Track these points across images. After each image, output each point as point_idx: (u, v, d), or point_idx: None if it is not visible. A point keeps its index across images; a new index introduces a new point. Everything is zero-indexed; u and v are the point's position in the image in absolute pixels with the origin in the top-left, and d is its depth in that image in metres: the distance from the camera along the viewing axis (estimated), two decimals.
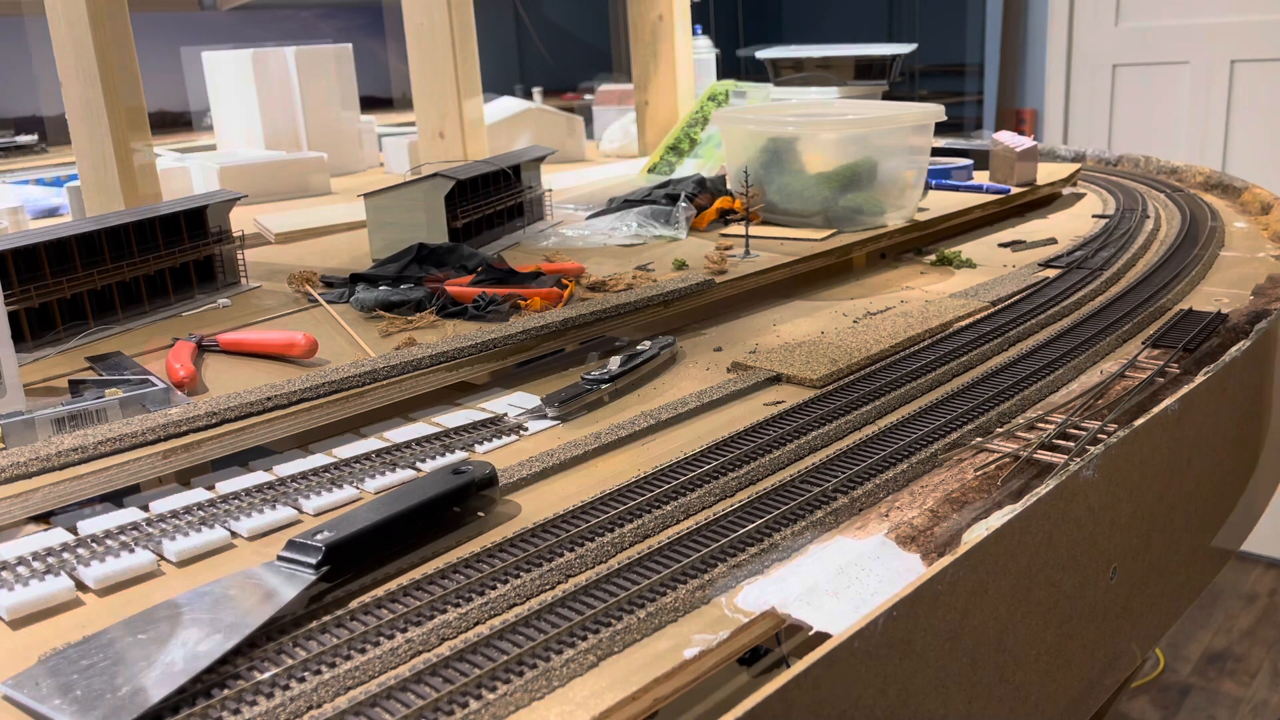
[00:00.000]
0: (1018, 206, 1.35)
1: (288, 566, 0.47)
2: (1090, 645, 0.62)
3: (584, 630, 0.43)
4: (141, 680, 0.39)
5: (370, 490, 0.58)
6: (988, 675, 0.52)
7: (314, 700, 0.39)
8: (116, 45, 1.18)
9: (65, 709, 0.38)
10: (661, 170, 1.63)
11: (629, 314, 0.86)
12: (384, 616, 0.44)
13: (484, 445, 0.65)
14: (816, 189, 1.16)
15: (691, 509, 0.55)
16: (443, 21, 1.51)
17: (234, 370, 0.77)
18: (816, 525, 0.52)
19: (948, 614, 0.48)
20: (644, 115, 1.96)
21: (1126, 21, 3.27)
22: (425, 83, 1.57)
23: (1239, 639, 2.38)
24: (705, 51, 2.16)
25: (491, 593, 0.46)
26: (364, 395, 0.69)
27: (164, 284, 0.95)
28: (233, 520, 0.54)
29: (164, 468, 0.60)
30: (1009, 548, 0.52)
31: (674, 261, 1.02)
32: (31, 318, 0.82)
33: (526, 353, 0.79)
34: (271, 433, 0.65)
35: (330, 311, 0.91)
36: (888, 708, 0.45)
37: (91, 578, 0.49)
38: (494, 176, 1.17)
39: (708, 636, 0.43)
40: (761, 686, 0.38)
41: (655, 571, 0.47)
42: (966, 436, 0.62)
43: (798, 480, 0.57)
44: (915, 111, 1.18)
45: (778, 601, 0.45)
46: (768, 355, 0.77)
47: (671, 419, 0.67)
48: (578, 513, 0.54)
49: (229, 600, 0.45)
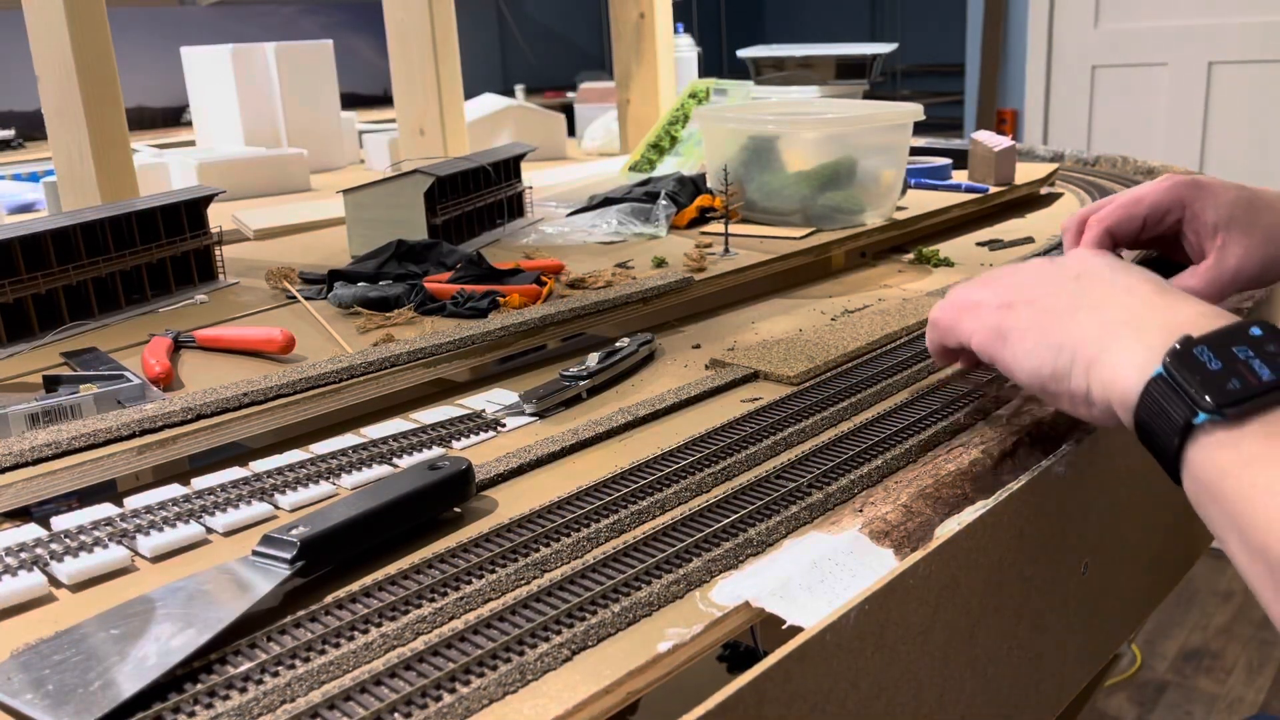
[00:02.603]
0: (996, 206, 1.36)
1: (263, 562, 0.47)
2: (1063, 640, 0.63)
3: (558, 624, 0.43)
4: (114, 675, 0.39)
5: (346, 486, 0.58)
6: (960, 669, 0.53)
7: (288, 695, 0.39)
8: (94, 40, 1.17)
9: (37, 704, 0.38)
10: (642, 168, 1.64)
11: (608, 311, 0.86)
12: (359, 611, 0.44)
13: (461, 441, 0.65)
14: (796, 187, 1.16)
15: (667, 505, 0.55)
16: (423, 18, 1.51)
17: (210, 366, 0.76)
18: (791, 520, 0.52)
19: (920, 608, 0.48)
20: (625, 113, 1.96)
21: (1106, 23, 3.29)
22: (405, 79, 1.57)
23: (1215, 636, 2.40)
24: (687, 50, 2.16)
25: (466, 588, 0.46)
26: (341, 391, 0.69)
27: (140, 280, 0.95)
28: (208, 516, 0.54)
29: (139, 463, 0.60)
30: (980, 543, 0.52)
31: (653, 259, 1.03)
32: (6, 314, 0.82)
33: (506, 349, 0.79)
34: (248, 429, 0.65)
35: (308, 308, 0.91)
36: (860, 700, 0.45)
37: (65, 573, 0.48)
38: (474, 173, 1.17)
39: (682, 630, 0.43)
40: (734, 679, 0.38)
41: (630, 566, 0.47)
42: (941, 433, 0.62)
43: (773, 476, 0.57)
44: (894, 111, 1.19)
45: (752, 596, 0.45)
46: (746, 352, 0.78)
47: (649, 415, 0.67)
48: (554, 508, 0.54)
49: (203, 595, 0.45)
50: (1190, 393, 0.42)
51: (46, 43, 1.17)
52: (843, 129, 1.17)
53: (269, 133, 1.92)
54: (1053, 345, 0.51)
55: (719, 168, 1.21)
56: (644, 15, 1.88)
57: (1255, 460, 0.41)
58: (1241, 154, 3.10)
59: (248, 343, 0.78)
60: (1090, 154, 1.74)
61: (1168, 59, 3.18)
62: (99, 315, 0.89)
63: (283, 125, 1.93)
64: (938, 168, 1.44)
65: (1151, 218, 0.72)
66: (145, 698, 0.38)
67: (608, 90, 2.37)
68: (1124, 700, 2.20)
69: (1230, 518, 0.41)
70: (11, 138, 3.13)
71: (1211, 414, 0.42)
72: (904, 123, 1.18)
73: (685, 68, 2.12)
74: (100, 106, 1.18)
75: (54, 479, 0.57)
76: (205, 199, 1.00)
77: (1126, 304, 0.49)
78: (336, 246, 1.19)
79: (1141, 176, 1.59)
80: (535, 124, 2.01)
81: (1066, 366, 0.50)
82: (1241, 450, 0.41)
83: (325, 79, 1.98)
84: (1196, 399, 0.42)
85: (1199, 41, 3.10)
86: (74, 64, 1.15)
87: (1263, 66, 3.01)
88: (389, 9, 1.55)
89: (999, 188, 1.37)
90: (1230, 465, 0.41)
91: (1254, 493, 0.40)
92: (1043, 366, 0.51)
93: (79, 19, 1.15)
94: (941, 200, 1.29)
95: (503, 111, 1.98)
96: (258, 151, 1.76)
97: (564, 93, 4.37)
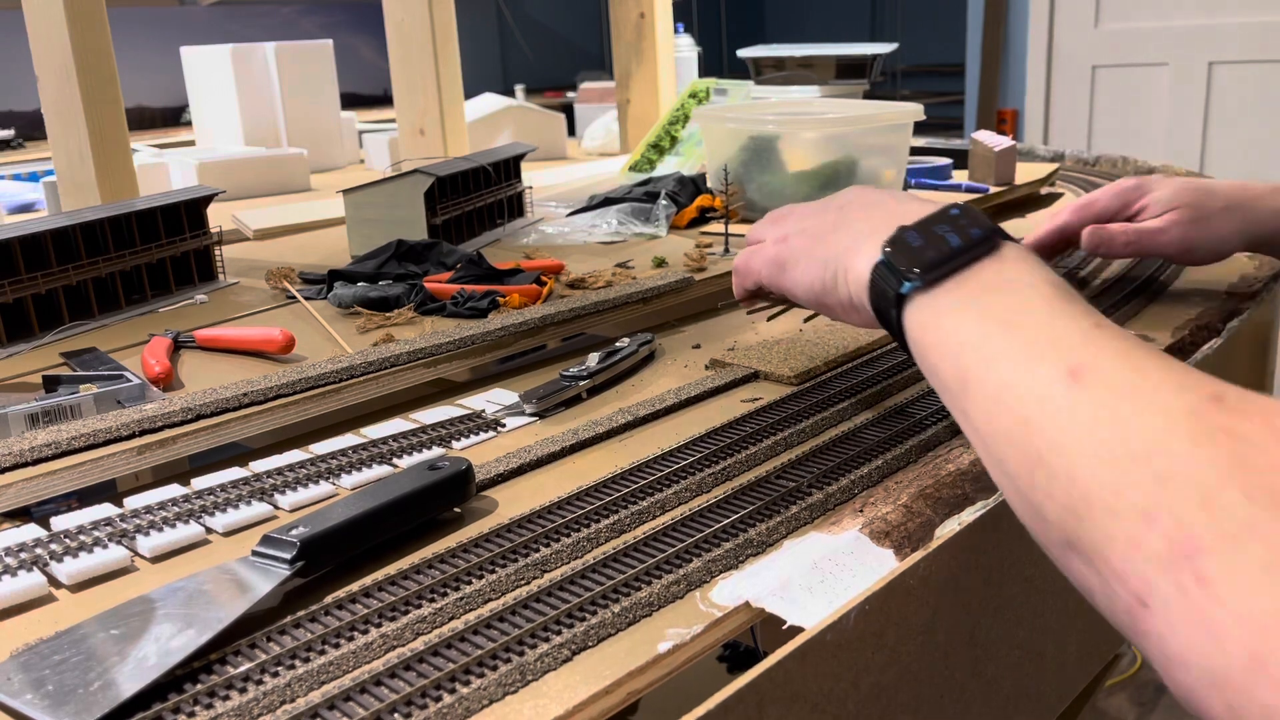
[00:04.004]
0: (996, 206, 1.36)
1: (262, 562, 0.47)
2: (1063, 639, 0.63)
3: (558, 625, 0.43)
4: (114, 675, 0.39)
5: (346, 486, 0.58)
6: (960, 669, 0.53)
7: (288, 695, 0.39)
8: (94, 40, 1.17)
9: (37, 704, 0.38)
10: (642, 168, 1.64)
11: (608, 311, 0.86)
12: (358, 611, 0.44)
13: (461, 441, 0.65)
14: (796, 187, 1.16)
15: (668, 505, 0.55)
16: (423, 18, 1.51)
17: (210, 366, 0.76)
18: (791, 520, 0.52)
19: (920, 608, 0.48)
20: (626, 113, 1.96)
21: (1106, 23, 3.29)
22: (405, 79, 1.57)
23: None
24: (687, 50, 2.16)
25: (466, 588, 0.46)
26: (341, 391, 0.69)
27: (140, 280, 0.95)
28: (208, 516, 0.54)
29: (139, 464, 0.60)
30: (981, 543, 0.52)
31: (654, 259, 1.03)
32: (6, 314, 0.82)
33: (506, 349, 0.79)
34: (248, 429, 0.65)
35: (308, 308, 0.91)
36: (860, 700, 0.45)
37: (65, 573, 0.48)
38: (474, 173, 1.17)
39: (682, 630, 0.43)
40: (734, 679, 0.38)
41: (631, 567, 0.47)
42: (941, 433, 0.62)
43: (773, 476, 0.57)
44: (894, 111, 1.19)
45: (752, 596, 0.45)
46: (746, 352, 0.78)
47: (649, 415, 0.67)
48: (554, 508, 0.54)
49: (203, 595, 0.45)
50: (900, 269, 0.50)
51: (46, 43, 1.17)
52: (843, 129, 1.17)
53: (269, 133, 1.92)
54: (819, 261, 0.58)
55: (719, 168, 1.21)
56: (644, 15, 1.88)
57: (945, 312, 0.47)
58: (1241, 154, 3.09)
59: (247, 343, 0.78)
60: (1090, 154, 1.74)
61: (1168, 59, 3.18)
62: (99, 315, 0.89)
63: (283, 125, 1.93)
64: (938, 168, 1.44)
65: (1103, 219, 0.85)
66: (145, 698, 0.38)
67: (608, 90, 2.37)
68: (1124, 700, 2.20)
69: (929, 366, 0.48)
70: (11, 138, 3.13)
71: (913, 281, 0.49)
72: (904, 123, 1.18)
73: (685, 68, 2.12)
74: (100, 106, 1.18)
75: (54, 479, 0.57)
76: (205, 199, 1.00)
77: (872, 217, 0.56)
78: (336, 246, 1.19)
79: None
80: (535, 124, 2.01)
81: (832, 279, 0.56)
82: (936, 307, 0.48)
83: (325, 79, 1.98)
84: (904, 273, 0.49)
85: (1199, 41, 3.10)
86: (74, 64, 1.15)
87: (1263, 66, 3.01)
88: (389, 9, 1.55)
89: (999, 188, 1.37)
90: (928, 320, 0.48)
91: (940, 337, 0.47)
92: (814, 283, 0.58)
93: (79, 19, 1.15)
94: (941, 200, 1.29)
95: (503, 111, 1.98)
96: (258, 151, 1.76)
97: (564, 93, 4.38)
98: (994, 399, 0.43)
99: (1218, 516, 0.33)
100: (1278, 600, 0.31)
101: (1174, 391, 0.38)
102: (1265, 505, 0.33)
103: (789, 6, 6.19)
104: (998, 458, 0.43)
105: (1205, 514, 0.34)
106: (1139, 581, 0.35)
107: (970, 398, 0.45)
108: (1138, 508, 0.35)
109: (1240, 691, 0.32)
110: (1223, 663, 0.32)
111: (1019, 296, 0.46)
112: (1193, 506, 0.34)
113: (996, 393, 0.43)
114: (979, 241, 0.49)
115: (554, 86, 4.78)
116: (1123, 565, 0.36)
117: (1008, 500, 0.43)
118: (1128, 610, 0.36)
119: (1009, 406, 0.42)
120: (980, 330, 0.45)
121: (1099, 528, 0.37)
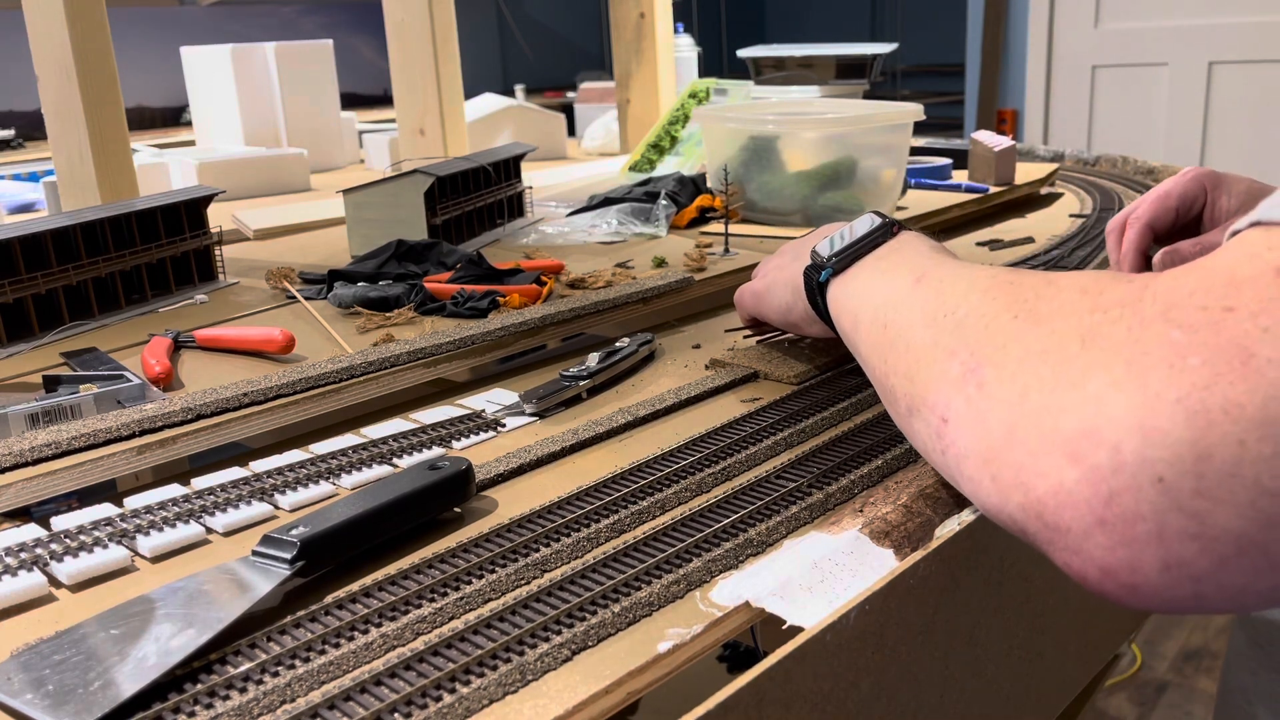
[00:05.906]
0: (996, 206, 1.36)
1: (262, 562, 0.47)
2: (1063, 640, 0.63)
3: (558, 625, 0.43)
4: (114, 675, 0.39)
5: (346, 486, 0.58)
6: (960, 669, 0.53)
7: (288, 695, 0.39)
8: (94, 40, 1.17)
9: (37, 703, 0.38)
10: (642, 168, 1.64)
11: (608, 311, 0.86)
12: (359, 611, 0.44)
13: (461, 441, 0.65)
14: (796, 187, 1.16)
15: (667, 505, 0.55)
16: (423, 18, 1.51)
17: (210, 366, 0.76)
18: (791, 520, 0.52)
19: (920, 608, 0.48)
20: (626, 113, 1.96)
21: (1106, 23, 3.29)
22: (405, 79, 1.57)
23: (1215, 636, 2.40)
24: (687, 50, 2.16)
25: (466, 588, 0.46)
26: (341, 391, 0.69)
27: (140, 280, 0.95)
28: (208, 516, 0.54)
29: (139, 463, 0.60)
30: (981, 542, 0.52)
31: (654, 259, 1.03)
32: (6, 314, 0.82)
33: (506, 349, 0.79)
34: (248, 429, 0.65)
35: (308, 308, 0.91)
36: (860, 700, 0.45)
37: (65, 573, 0.48)
38: (474, 173, 1.17)
39: (682, 630, 0.43)
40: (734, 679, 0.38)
41: (630, 566, 0.47)
42: None
43: (773, 476, 0.57)
44: (895, 111, 1.19)
45: (752, 596, 0.45)
46: (745, 353, 0.78)
47: (649, 415, 0.67)
48: (554, 508, 0.54)
49: (203, 595, 0.45)
50: (818, 265, 0.62)
51: (46, 43, 1.17)
52: (843, 129, 1.17)
53: (269, 133, 1.92)
54: (783, 287, 0.70)
55: (719, 168, 1.21)
56: (644, 15, 1.88)
57: (849, 283, 0.60)
58: (1241, 154, 3.10)
59: (248, 343, 0.78)
60: (1090, 154, 1.74)
61: (1168, 59, 3.18)
62: (99, 315, 0.89)
63: (283, 125, 1.93)
64: (938, 168, 1.44)
65: (1182, 207, 0.81)
66: (145, 698, 0.38)
67: (608, 90, 2.37)
68: (1124, 700, 2.20)
69: (843, 332, 0.60)
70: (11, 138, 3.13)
71: (827, 269, 0.61)
72: (904, 123, 1.18)
73: (685, 68, 2.12)
74: (100, 106, 1.18)
75: (54, 479, 0.57)
76: (205, 199, 1.00)
77: (813, 239, 0.67)
78: (336, 246, 1.19)
79: (1141, 176, 1.59)
80: (535, 124, 2.01)
81: (792, 300, 0.68)
82: (845, 284, 0.60)
83: (325, 79, 1.98)
84: (821, 266, 0.62)
85: (1199, 41, 3.10)
86: (74, 64, 1.15)
87: (1263, 66, 3.01)
88: (389, 9, 1.55)
89: (999, 188, 1.37)
90: (838, 294, 0.60)
91: (846, 304, 0.59)
92: (781, 306, 0.71)
93: (79, 19, 1.15)
94: (941, 200, 1.29)
95: (503, 111, 1.98)
96: (258, 151, 1.76)
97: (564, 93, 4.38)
98: (869, 321, 0.55)
99: (993, 336, 0.43)
100: (1027, 384, 0.39)
101: (982, 272, 0.49)
102: (1027, 321, 0.41)
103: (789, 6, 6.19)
104: (872, 366, 0.53)
105: (986, 336, 0.43)
106: (943, 404, 0.44)
107: (859, 332, 0.56)
108: (945, 348, 0.45)
109: (999, 460, 0.39)
110: (988, 442, 0.40)
111: (901, 255, 0.57)
112: (978, 334, 0.43)
113: (871, 315, 0.55)
114: (877, 230, 0.60)
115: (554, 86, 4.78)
116: (934, 397, 0.45)
117: (882, 400, 0.53)
118: (937, 434, 0.44)
119: (878, 320, 0.54)
120: (869, 284, 0.57)
121: (923, 379, 0.46)
